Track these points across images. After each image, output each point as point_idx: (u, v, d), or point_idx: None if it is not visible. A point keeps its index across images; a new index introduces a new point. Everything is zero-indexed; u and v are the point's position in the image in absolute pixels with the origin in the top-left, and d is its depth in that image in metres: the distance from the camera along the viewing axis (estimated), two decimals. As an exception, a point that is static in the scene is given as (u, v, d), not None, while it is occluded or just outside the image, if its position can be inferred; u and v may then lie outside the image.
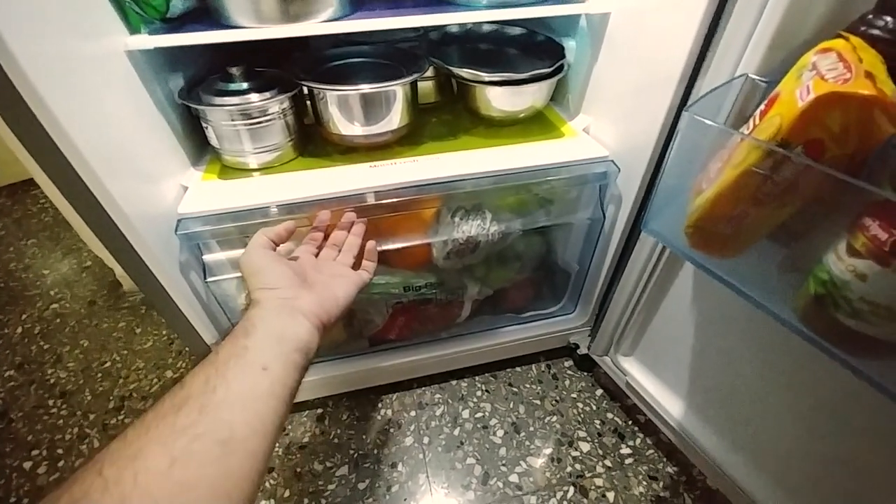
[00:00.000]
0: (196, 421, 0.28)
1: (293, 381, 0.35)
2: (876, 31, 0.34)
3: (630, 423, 0.83)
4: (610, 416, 0.84)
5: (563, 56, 0.68)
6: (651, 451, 0.79)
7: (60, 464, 0.80)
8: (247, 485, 0.29)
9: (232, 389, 0.31)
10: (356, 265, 0.53)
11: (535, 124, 0.71)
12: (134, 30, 0.50)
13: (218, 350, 0.35)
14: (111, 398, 0.89)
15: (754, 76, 0.42)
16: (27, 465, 0.80)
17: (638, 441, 0.80)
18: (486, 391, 0.88)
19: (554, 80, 0.66)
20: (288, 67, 0.62)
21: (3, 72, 0.37)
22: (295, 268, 0.45)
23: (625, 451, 0.79)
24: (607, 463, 0.77)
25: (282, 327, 0.37)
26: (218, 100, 0.57)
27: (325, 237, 0.55)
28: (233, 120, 0.58)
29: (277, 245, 0.48)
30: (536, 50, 0.72)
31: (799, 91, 0.30)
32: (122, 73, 0.50)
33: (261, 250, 0.45)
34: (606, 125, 0.67)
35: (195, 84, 0.61)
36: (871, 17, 0.35)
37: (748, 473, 0.62)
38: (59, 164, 0.43)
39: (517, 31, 0.75)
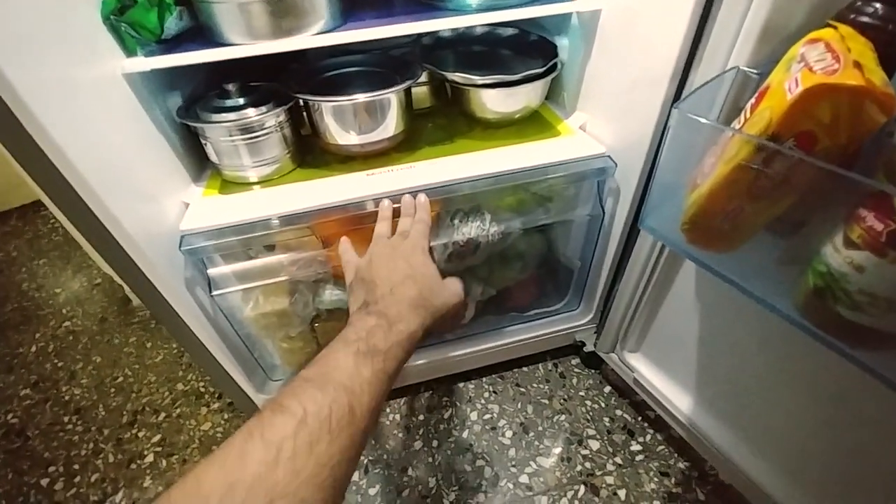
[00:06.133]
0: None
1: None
2: (865, 18, 0.34)
3: (640, 419, 0.83)
4: (619, 412, 0.84)
5: (556, 55, 0.68)
6: (662, 447, 0.78)
7: (77, 479, 0.81)
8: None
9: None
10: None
11: (531, 124, 0.71)
12: (130, 52, 0.51)
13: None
14: (124, 413, 0.91)
15: (745, 68, 0.41)
16: (44, 481, 0.82)
17: (648, 437, 0.80)
18: (494, 392, 0.88)
19: (547, 79, 0.67)
20: (284, 80, 0.63)
21: (1, 100, 0.37)
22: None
23: (635, 447, 0.79)
24: (618, 460, 0.77)
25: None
26: (215, 116, 0.58)
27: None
28: (231, 135, 0.59)
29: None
30: (530, 49, 0.72)
31: (788, 83, 0.30)
32: (120, 96, 0.51)
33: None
34: (602, 121, 0.67)
35: (193, 101, 0.62)
36: (859, 4, 0.35)
37: (760, 466, 0.62)
38: (61, 188, 0.44)
39: (510, 31, 0.75)
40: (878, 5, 0.34)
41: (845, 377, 0.46)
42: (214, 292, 0.62)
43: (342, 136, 0.63)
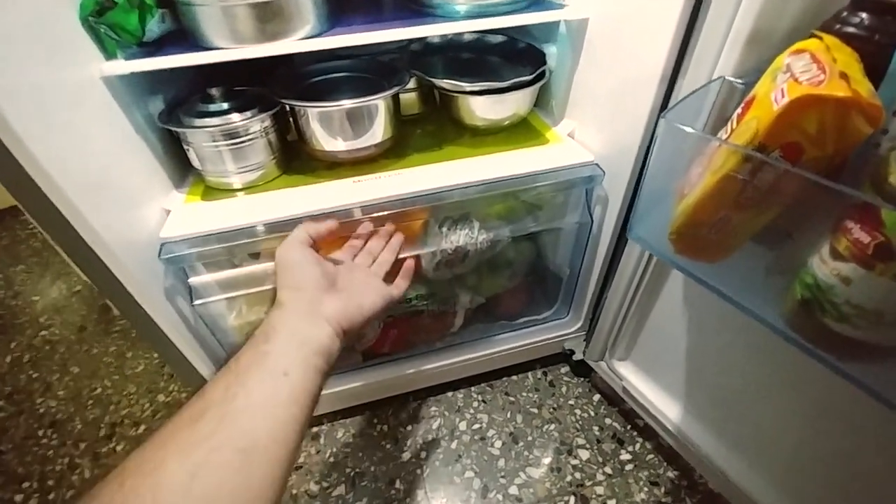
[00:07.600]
0: (215, 430, 0.28)
1: (315, 387, 0.34)
2: (851, 29, 0.34)
3: (629, 427, 0.82)
4: (608, 421, 0.84)
5: (545, 62, 0.68)
6: (651, 456, 0.78)
7: (51, 496, 0.78)
8: (270, 493, 0.29)
9: (252, 397, 0.31)
10: (389, 280, 0.51)
11: (520, 131, 0.71)
12: (110, 55, 0.50)
13: (238, 356, 0.34)
14: (102, 426, 0.88)
15: (731, 78, 0.41)
16: (18, 497, 0.78)
17: (637, 446, 0.79)
18: (483, 402, 0.87)
19: (536, 86, 0.66)
20: (270, 84, 0.62)
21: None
22: (327, 269, 0.44)
23: (625, 456, 0.78)
24: (607, 470, 0.76)
25: (303, 331, 0.36)
26: (198, 121, 0.57)
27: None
28: (214, 141, 0.58)
29: (316, 242, 0.46)
30: (518, 57, 0.72)
31: (774, 94, 0.30)
32: (98, 100, 0.50)
33: (298, 246, 0.43)
34: (591, 129, 0.67)
35: (176, 106, 0.61)
36: (845, 14, 0.35)
37: (749, 476, 0.61)
38: (32, 194, 0.42)
39: (498, 38, 0.75)
40: (864, 16, 0.34)
41: (835, 385, 0.46)
42: (196, 302, 0.61)
43: (329, 142, 0.62)
